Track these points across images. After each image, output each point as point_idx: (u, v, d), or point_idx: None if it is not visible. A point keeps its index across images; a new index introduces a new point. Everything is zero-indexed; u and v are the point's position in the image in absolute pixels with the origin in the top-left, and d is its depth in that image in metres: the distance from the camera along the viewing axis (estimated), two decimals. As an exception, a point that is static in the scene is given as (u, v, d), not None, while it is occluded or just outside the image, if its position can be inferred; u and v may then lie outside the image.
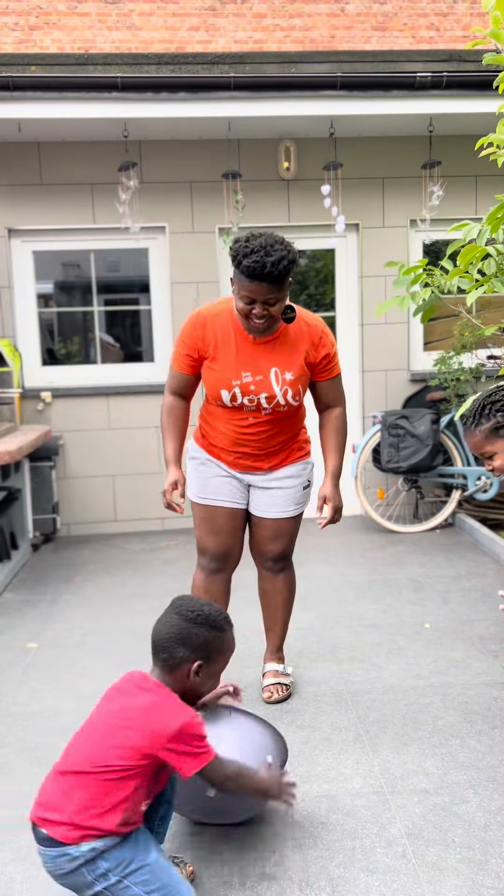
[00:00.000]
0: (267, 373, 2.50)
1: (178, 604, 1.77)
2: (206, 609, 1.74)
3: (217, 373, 2.52)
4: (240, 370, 2.49)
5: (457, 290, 3.45)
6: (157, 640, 1.74)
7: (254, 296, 2.34)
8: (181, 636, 1.71)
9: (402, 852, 1.96)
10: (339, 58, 4.86)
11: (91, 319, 5.39)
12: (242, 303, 2.38)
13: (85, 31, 5.86)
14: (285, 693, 2.80)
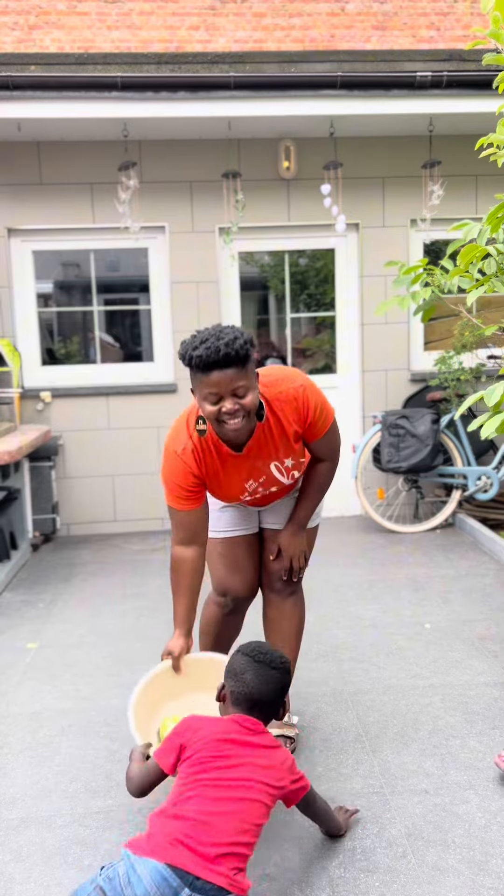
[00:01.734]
0: (268, 471, 2.26)
1: (263, 656, 1.87)
2: (279, 655, 1.90)
3: (223, 492, 2.28)
4: (242, 484, 2.26)
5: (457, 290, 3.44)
6: (267, 698, 1.84)
7: (218, 389, 1.98)
8: (283, 688, 1.88)
9: (402, 852, 1.96)
10: (339, 57, 4.86)
11: (91, 319, 5.39)
12: (209, 404, 2.02)
13: (85, 30, 5.86)
14: (290, 748, 2.43)
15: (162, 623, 3.56)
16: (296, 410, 2.19)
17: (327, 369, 5.54)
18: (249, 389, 2.03)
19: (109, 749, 2.52)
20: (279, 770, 1.75)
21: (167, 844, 1.53)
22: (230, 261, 5.30)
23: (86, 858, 1.99)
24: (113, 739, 2.58)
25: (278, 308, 5.52)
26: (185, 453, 2.17)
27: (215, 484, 2.24)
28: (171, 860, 1.50)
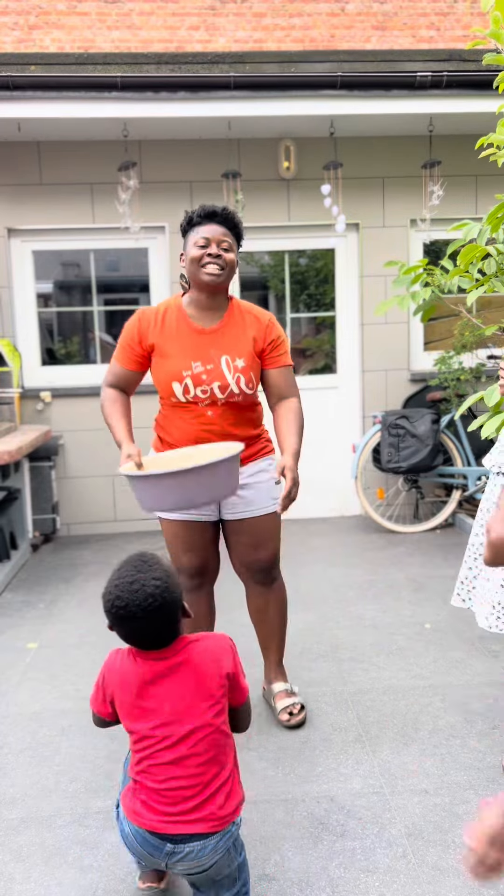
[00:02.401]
0: (217, 361, 2.41)
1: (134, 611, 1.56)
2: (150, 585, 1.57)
3: (167, 366, 2.41)
4: (189, 360, 2.40)
5: (457, 290, 3.45)
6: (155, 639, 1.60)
7: (209, 236, 2.36)
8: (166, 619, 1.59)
9: (402, 852, 1.96)
10: (340, 57, 4.86)
11: (91, 319, 5.39)
12: (197, 248, 2.36)
13: (85, 30, 5.86)
14: (302, 716, 2.61)
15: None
16: (258, 321, 2.48)
17: (327, 369, 5.54)
18: (232, 250, 2.40)
19: (109, 749, 2.52)
20: (213, 677, 1.62)
21: (143, 811, 1.61)
22: (230, 261, 5.30)
23: (86, 858, 1.99)
24: (113, 739, 2.58)
25: (278, 308, 5.52)
26: (148, 310, 2.46)
27: (164, 352, 2.42)
28: (149, 826, 1.59)
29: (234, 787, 1.65)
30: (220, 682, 1.62)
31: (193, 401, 2.43)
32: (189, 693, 1.59)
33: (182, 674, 1.60)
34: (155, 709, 1.59)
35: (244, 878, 1.71)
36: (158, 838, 1.59)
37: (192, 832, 1.58)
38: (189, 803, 1.58)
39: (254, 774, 2.34)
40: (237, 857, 1.66)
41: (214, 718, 1.60)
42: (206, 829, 1.58)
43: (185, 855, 1.59)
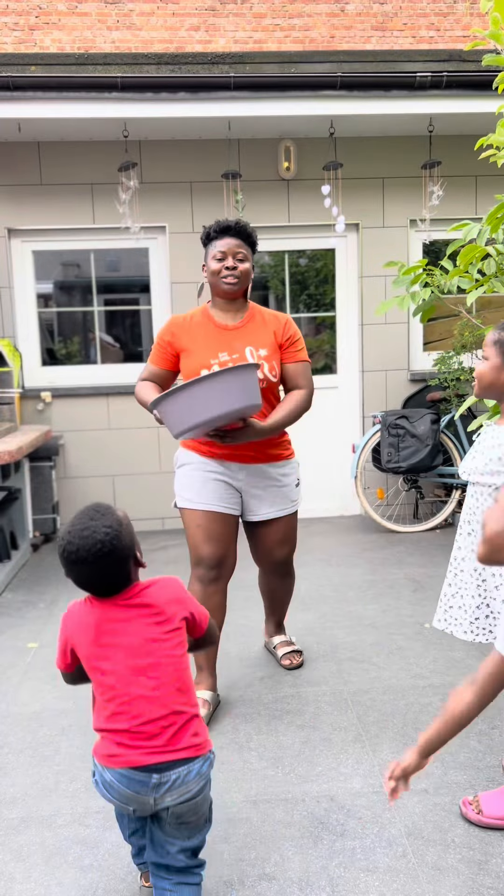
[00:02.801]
0: (242, 351, 2.65)
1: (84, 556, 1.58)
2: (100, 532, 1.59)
3: (196, 357, 2.65)
4: (216, 351, 2.65)
5: (457, 290, 3.45)
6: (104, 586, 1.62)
7: (225, 250, 2.62)
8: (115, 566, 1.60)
9: (402, 852, 1.96)
10: (339, 58, 4.86)
11: (91, 319, 5.39)
12: (216, 262, 2.63)
13: (85, 31, 5.86)
14: (301, 659, 3.06)
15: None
16: (276, 319, 2.74)
17: (327, 369, 5.54)
18: (247, 260, 2.66)
19: (110, 749, 2.52)
20: (170, 613, 1.65)
21: (121, 751, 1.61)
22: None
23: (86, 858, 1.99)
24: (113, 739, 2.58)
25: (278, 308, 5.52)
26: (178, 316, 2.74)
27: (193, 347, 2.66)
28: (132, 762, 1.60)
29: (198, 714, 1.67)
30: (178, 618, 1.67)
31: None
32: (148, 628, 1.63)
33: (139, 612, 1.64)
34: (117, 646, 1.61)
35: (211, 821, 1.73)
36: (143, 772, 1.58)
37: (175, 758, 1.59)
38: (165, 734, 1.59)
39: (254, 774, 2.34)
40: (209, 793, 1.68)
41: (175, 650, 1.64)
42: (188, 753, 1.60)
43: (173, 783, 1.59)
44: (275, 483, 2.76)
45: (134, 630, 1.62)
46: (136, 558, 1.69)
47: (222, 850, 2.00)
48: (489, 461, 2.01)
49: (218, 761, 2.42)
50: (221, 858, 1.97)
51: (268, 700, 2.81)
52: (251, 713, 2.71)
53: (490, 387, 2.04)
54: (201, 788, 1.62)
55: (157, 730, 1.59)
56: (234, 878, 1.90)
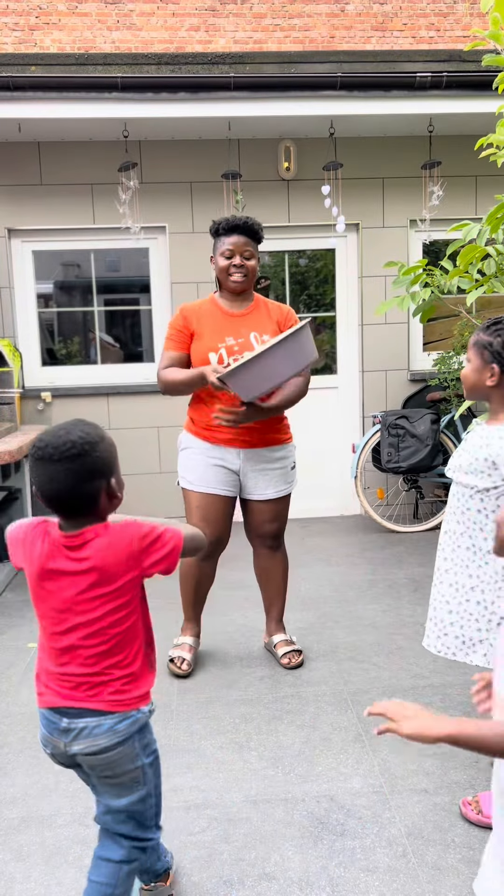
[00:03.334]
0: (247, 336, 2.85)
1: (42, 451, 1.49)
2: (75, 433, 1.51)
3: (204, 341, 2.85)
4: (223, 336, 2.85)
5: (457, 290, 3.45)
6: (66, 495, 1.50)
7: (233, 247, 2.82)
8: (82, 475, 1.50)
9: (402, 852, 1.96)
10: (339, 58, 4.86)
11: (91, 319, 5.39)
12: (224, 258, 2.84)
13: (85, 31, 5.86)
14: (300, 658, 3.08)
15: (163, 622, 3.56)
16: (279, 309, 2.96)
17: (327, 369, 5.55)
18: (254, 257, 2.87)
19: (110, 749, 2.52)
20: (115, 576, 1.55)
21: (45, 691, 1.61)
22: (230, 261, 5.30)
23: (86, 858, 1.99)
24: (113, 739, 2.58)
25: (278, 308, 5.52)
26: (187, 304, 2.95)
27: (202, 331, 2.86)
28: (49, 703, 1.59)
29: (138, 678, 1.60)
30: (125, 580, 1.55)
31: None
32: (84, 589, 1.54)
33: (78, 576, 1.54)
34: (52, 594, 1.56)
35: (151, 789, 1.66)
36: (56, 714, 1.57)
37: (87, 707, 1.55)
38: (85, 685, 1.56)
39: (254, 774, 2.34)
40: (143, 757, 1.61)
41: (109, 616, 1.55)
42: (101, 706, 1.55)
43: (80, 731, 1.55)
44: (272, 466, 2.95)
45: (70, 587, 1.54)
46: (110, 486, 1.55)
47: (222, 850, 2.01)
48: (474, 460, 2.00)
49: (218, 761, 2.42)
50: (221, 858, 1.97)
51: (268, 700, 2.81)
52: (251, 713, 2.72)
53: (473, 388, 2.04)
54: (115, 745, 1.56)
55: (80, 680, 1.56)
56: (234, 878, 1.90)
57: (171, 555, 1.56)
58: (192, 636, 3.15)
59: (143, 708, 1.59)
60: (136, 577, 1.57)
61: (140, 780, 1.63)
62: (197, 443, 2.93)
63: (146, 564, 1.56)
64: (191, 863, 1.96)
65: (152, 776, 1.65)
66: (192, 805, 2.20)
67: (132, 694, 1.58)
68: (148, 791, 1.65)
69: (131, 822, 1.66)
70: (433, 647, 2.15)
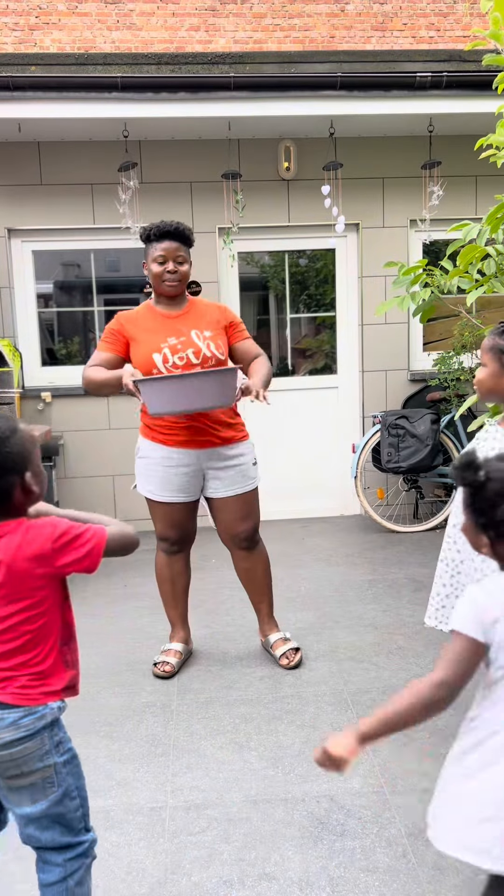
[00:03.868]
0: (188, 334, 2.87)
1: None
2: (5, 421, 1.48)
3: (146, 343, 2.85)
4: (165, 336, 2.87)
5: (457, 290, 3.45)
6: None
7: (165, 253, 2.86)
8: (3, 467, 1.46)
9: (402, 852, 1.96)
10: (339, 58, 4.86)
11: (91, 319, 5.39)
12: (157, 265, 2.90)
13: (85, 31, 5.86)
14: (299, 656, 3.08)
15: (162, 623, 3.56)
16: (216, 307, 3.01)
17: (327, 369, 5.55)
18: (186, 262, 2.90)
19: (109, 749, 2.52)
20: (22, 576, 1.50)
21: None
22: (230, 261, 5.30)
23: (86, 858, 1.99)
24: (113, 739, 2.58)
25: (278, 308, 5.53)
26: (122, 312, 2.99)
27: (141, 336, 2.87)
28: None
29: (49, 676, 1.54)
30: (33, 581, 1.50)
31: (173, 369, 2.82)
32: None
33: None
34: None
35: (71, 789, 1.56)
36: None
37: None
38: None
39: (254, 774, 2.34)
40: (55, 755, 1.53)
41: (18, 614, 1.50)
42: (5, 699, 1.48)
43: None
44: (230, 463, 2.95)
45: None
46: (25, 481, 1.49)
47: (222, 850, 2.01)
48: None
49: (218, 761, 2.42)
50: (221, 858, 1.97)
51: (268, 700, 2.81)
52: (251, 713, 2.72)
53: (490, 392, 2.05)
54: (19, 740, 1.48)
55: None
56: (234, 878, 1.90)
57: (90, 555, 1.51)
58: (178, 642, 3.15)
59: (52, 704, 1.52)
60: (47, 576, 1.51)
61: (53, 781, 1.54)
62: (153, 450, 2.92)
63: (59, 564, 1.50)
64: (191, 863, 1.96)
65: (68, 776, 1.57)
66: (192, 805, 2.20)
67: (40, 690, 1.52)
68: (65, 791, 1.56)
69: (56, 826, 1.56)
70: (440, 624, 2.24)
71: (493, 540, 1.34)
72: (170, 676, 3.02)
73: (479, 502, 1.33)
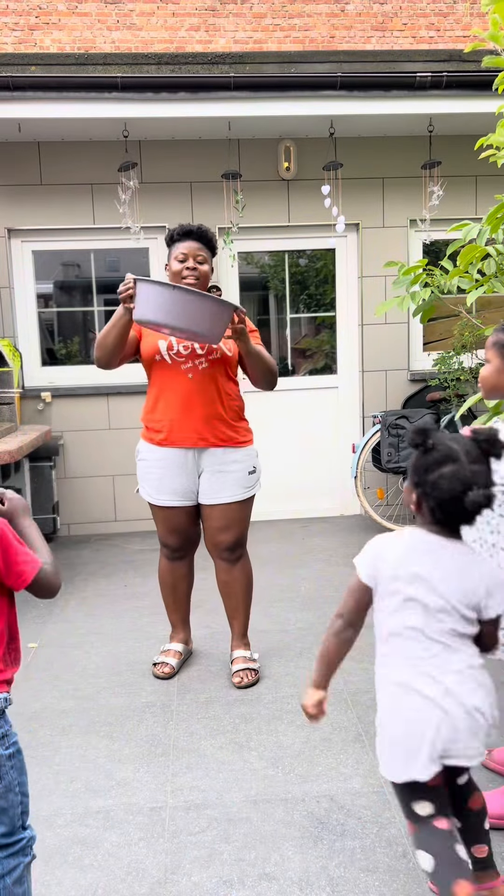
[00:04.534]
0: None
1: None
2: None
3: (153, 336, 2.81)
4: None
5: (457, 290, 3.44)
6: None
7: (186, 252, 2.79)
8: None
9: (402, 852, 1.96)
10: (339, 58, 4.86)
11: (91, 319, 5.39)
12: (178, 262, 2.80)
13: (85, 31, 5.86)
14: (254, 678, 2.94)
15: (162, 623, 3.56)
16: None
17: (327, 369, 5.55)
18: (206, 262, 2.84)
19: (110, 749, 2.52)
20: None
21: None
22: (230, 261, 5.30)
23: (86, 858, 1.99)
24: (113, 739, 2.58)
25: (278, 308, 5.53)
26: None
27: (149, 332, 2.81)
28: None
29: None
30: None
31: (176, 357, 2.78)
32: None
33: None
34: None
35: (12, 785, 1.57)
36: None
37: None
38: None
39: (254, 774, 2.34)
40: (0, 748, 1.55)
41: None
42: None
43: None
44: (228, 468, 2.86)
45: None
46: None
47: (222, 850, 2.01)
48: None
49: (218, 761, 2.42)
50: (221, 858, 1.97)
51: (268, 700, 2.81)
52: (251, 713, 2.72)
53: (494, 389, 2.06)
54: None
55: None
56: (234, 878, 1.90)
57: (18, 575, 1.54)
58: (178, 642, 3.14)
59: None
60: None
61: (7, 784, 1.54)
62: (150, 451, 2.89)
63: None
64: (191, 863, 1.96)
65: (11, 769, 1.58)
66: (192, 805, 2.20)
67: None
68: (7, 785, 1.56)
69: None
70: None
71: (419, 498, 1.57)
72: (169, 677, 3.02)
73: (420, 464, 1.55)
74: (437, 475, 1.52)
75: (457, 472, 1.51)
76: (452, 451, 1.52)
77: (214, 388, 2.81)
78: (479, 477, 1.52)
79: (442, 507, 1.53)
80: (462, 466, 1.52)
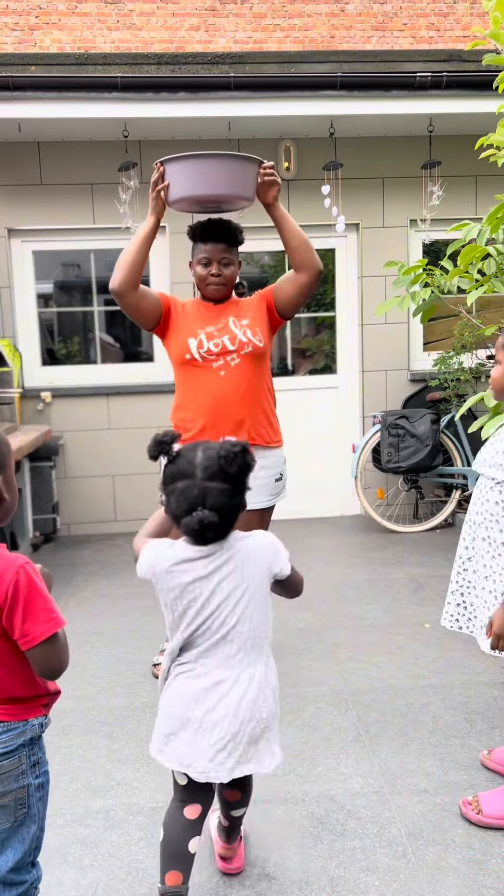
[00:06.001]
0: (226, 322, 2.75)
1: None
2: None
3: (183, 329, 2.76)
4: (204, 324, 2.75)
5: (457, 290, 3.45)
6: None
7: (210, 255, 2.70)
8: None
9: (402, 852, 1.96)
10: (339, 58, 4.86)
11: (91, 319, 5.39)
12: (201, 267, 2.73)
13: (85, 31, 5.86)
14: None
15: (162, 623, 3.56)
16: (257, 295, 2.85)
17: (327, 369, 5.54)
18: (232, 265, 2.74)
19: (110, 749, 2.52)
20: None
21: None
22: (230, 261, 5.30)
23: (86, 858, 1.99)
24: (113, 739, 2.58)
25: (278, 308, 5.52)
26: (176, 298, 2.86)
27: (181, 323, 2.77)
28: None
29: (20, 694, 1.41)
30: None
31: (207, 355, 2.70)
32: None
33: None
34: None
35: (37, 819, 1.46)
36: None
37: None
38: None
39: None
40: (31, 777, 1.43)
41: None
42: None
43: None
44: (256, 475, 2.68)
45: None
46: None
47: (222, 850, 2.01)
48: (496, 453, 2.03)
49: (218, 761, 2.42)
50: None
51: (268, 700, 2.81)
52: (251, 713, 2.71)
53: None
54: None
55: None
56: (234, 878, 1.90)
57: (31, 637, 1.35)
58: None
59: (33, 720, 1.43)
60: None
61: (24, 802, 1.44)
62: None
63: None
64: (191, 863, 1.96)
65: (38, 801, 1.46)
66: (192, 805, 2.20)
67: (25, 715, 1.42)
68: (32, 816, 1.46)
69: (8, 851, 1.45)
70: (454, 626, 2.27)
71: (166, 508, 1.60)
72: None
73: (164, 474, 1.60)
74: (172, 489, 1.55)
75: (186, 489, 1.52)
76: (188, 465, 1.53)
77: (247, 385, 2.73)
78: (209, 495, 1.51)
79: (176, 521, 1.55)
80: (193, 483, 1.52)
